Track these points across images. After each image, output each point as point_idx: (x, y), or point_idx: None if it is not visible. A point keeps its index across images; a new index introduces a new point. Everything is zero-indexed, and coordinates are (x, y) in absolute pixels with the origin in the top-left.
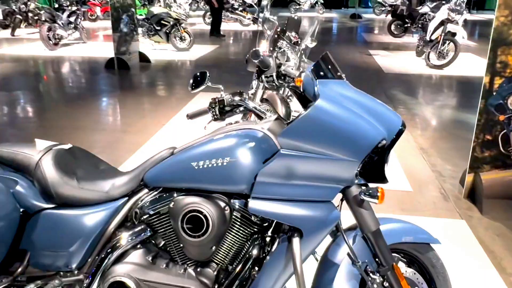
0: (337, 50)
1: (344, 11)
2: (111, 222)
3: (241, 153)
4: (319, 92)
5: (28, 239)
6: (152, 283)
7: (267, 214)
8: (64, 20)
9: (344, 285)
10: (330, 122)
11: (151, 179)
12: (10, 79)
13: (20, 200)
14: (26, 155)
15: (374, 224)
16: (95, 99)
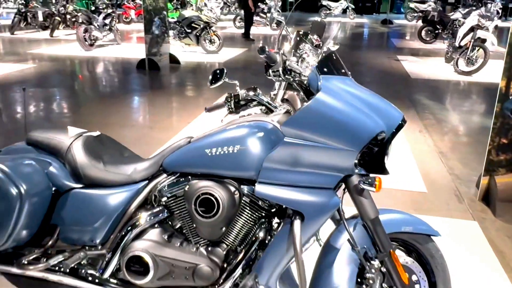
0: (365, 55)
1: (376, 17)
2: (132, 202)
3: (250, 142)
4: (322, 86)
5: (58, 215)
6: (167, 259)
7: (272, 198)
8: (99, 22)
9: (344, 268)
10: (329, 114)
11: (169, 164)
12: (48, 77)
13: (52, 179)
14: (59, 140)
15: (373, 212)
16: (126, 97)
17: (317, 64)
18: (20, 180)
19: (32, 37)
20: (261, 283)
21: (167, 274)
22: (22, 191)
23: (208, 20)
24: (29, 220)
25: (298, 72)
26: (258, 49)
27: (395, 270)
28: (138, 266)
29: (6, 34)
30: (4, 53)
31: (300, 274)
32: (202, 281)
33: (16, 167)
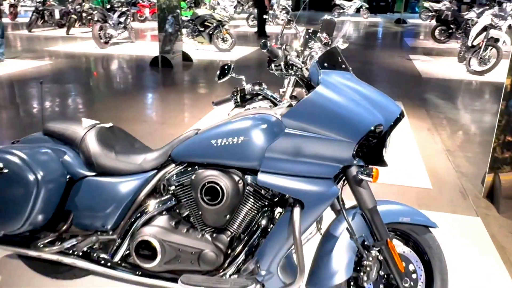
0: (377, 54)
1: (390, 16)
2: (141, 190)
3: (254, 133)
4: (321, 80)
5: (72, 202)
6: (174, 244)
7: (273, 187)
8: (114, 20)
9: (342, 256)
10: (328, 106)
11: (177, 155)
12: (64, 73)
13: (67, 168)
14: (74, 130)
15: (371, 202)
16: (139, 93)
17: (318, 59)
18: (37, 167)
19: (49, 35)
20: (263, 268)
21: (174, 258)
22: (38, 177)
23: (221, 18)
24: (45, 205)
25: (299, 66)
26: (261, 44)
27: (392, 259)
28: (146, 251)
29: (24, 32)
30: (22, 50)
31: (299, 260)
32: (207, 266)
33: (34, 155)
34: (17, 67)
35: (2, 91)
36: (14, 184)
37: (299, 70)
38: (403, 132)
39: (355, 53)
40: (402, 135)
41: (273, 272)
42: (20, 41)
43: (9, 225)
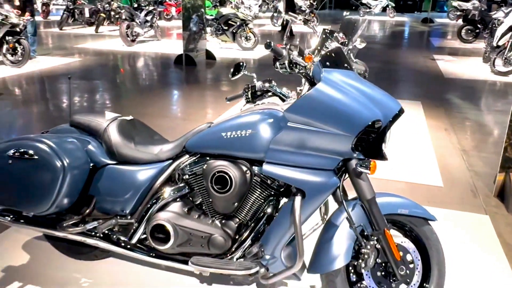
0: (400, 54)
1: (417, 15)
2: (158, 178)
3: (260, 126)
4: (323, 77)
5: (95, 187)
6: (186, 229)
7: (277, 176)
8: (141, 19)
9: (342, 243)
10: (327, 102)
11: (191, 146)
12: (92, 70)
13: (90, 156)
14: (98, 122)
15: (370, 193)
16: (162, 90)
17: (320, 59)
18: (64, 155)
19: (78, 33)
20: (267, 253)
21: (186, 241)
22: (65, 164)
23: (245, 17)
24: (70, 190)
25: (303, 65)
26: (265, 44)
27: (389, 247)
28: (161, 234)
29: (55, 30)
30: (52, 48)
31: (299, 245)
32: (216, 249)
33: (61, 144)
34: (48, 63)
35: (34, 86)
36: (43, 170)
37: (303, 69)
38: (419, 131)
39: (378, 53)
40: (418, 134)
41: (277, 257)
42: (52, 39)
43: (38, 206)
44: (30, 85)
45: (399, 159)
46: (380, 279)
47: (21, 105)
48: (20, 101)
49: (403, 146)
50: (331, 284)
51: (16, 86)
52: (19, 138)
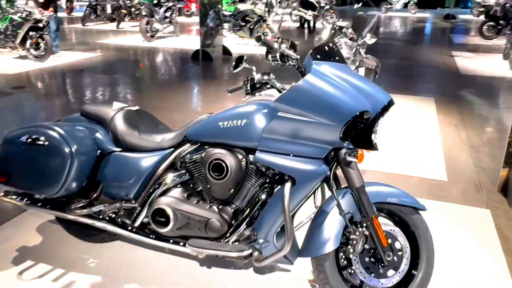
0: (418, 50)
1: (440, 12)
2: (160, 165)
3: (253, 116)
4: (312, 69)
5: (102, 173)
6: (185, 213)
7: (269, 163)
8: (160, 15)
9: (331, 229)
10: (315, 92)
11: (191, 135)
12: (112, 65)
13: (98, 143)
14: (105, 112)
15: (359, 181)
16: (178, 85)
17: (311, 52)
18: (72, 141)
19: (100, 28)
20: (260, 237)
21: (184, 225)
22: (73, 150)
23: (262, 13)
24: (78, 174)
25: (294, 57)
26: (255, 37)
27: (376, 234)
28: (161, 218)
29: (78, 25)
30: (75, 43)
31: (287, 229)
32: (213, 233)
33: (70, 131)
34: (70, 58)
35: (55, 80)
36: (53, 155)
37: (294, 61)
38: (428, 126)
39: (396, 49)
40: (427, 130)
41: (270, 241)
42: (74, 34)
43: (48, 189)
44: (51, 79)
45: (405, 153)
46: (369, 265)
47: (42, 97)
48: (41, 93)
49: (410, 140)
50: (320, 268)
51: (38, 80)
52: (32, 126)
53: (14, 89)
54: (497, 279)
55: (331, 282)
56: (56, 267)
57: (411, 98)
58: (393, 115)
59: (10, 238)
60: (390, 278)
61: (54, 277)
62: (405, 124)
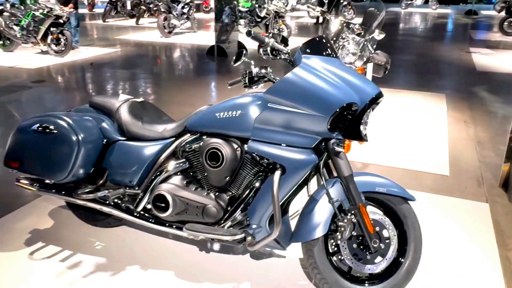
0: (436, 46)
1: (462, 7)
2: (162, 154)
3: (248, 107)
4: (301, 62)
5: (107, 161)
6: (183, 199)
7: (260, 152)
8: (178, 11)
9: (320, 216)
10: (302, 85)
11: (191, 125)
12: (130, 60)
13: (104, 133)
14: (111, 103)
15: (347, 170)
16: (191, 80)
17: (301, 46)
18: (80, 130)
19: (120, 25)
20: (253, 223)
21: (183, 210)
22: (80, 138)
23: (278, 9)
24: (84, 161)
25: (284, 51)
26: (246, 32)
27: (363, 221)
28: (162, 203)
29: (99, 22)
30: (96, 39)
31: (276, 214)
32: (209, 218)
33: (78, 121)
34: (89, 53)
35: (73, 74)
36: (61, 143)
37: (285, 55)
38: (436, 122)
39: (413, 45)
40: (434, 126)
41: (262, 226)
42: (95, 30)
43: (57, 175)
44: (71, 73)
45: (409, 148)
46: (356, 251)
47: (60, 90)
48: (60, 87)
49: (416, 135)
50: (309, 253)
51: (58, 74)
52: (44, 115)
53: (34, 83)
54: (487, 270)
55: (319, 267)
56: (65, 248)
57: (422, 94)
58: (400, 111)
59: (23, 221)
60: (377, 264)
61: (62, 258)
62: (412, 120)
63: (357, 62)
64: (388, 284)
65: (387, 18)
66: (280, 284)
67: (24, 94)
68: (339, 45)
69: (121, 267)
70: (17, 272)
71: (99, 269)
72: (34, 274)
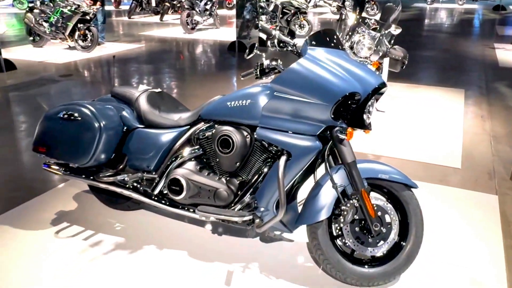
0: (459, 42)
1: (490, 3)
2: (177, 141)
3: (257, 97)
4: (307, 53)
5: (127, 147)
6: (196, 183)
7: (267, 138)
8: (201, 8)
9: (324, 200)
10: (307, 74)
11: (205, 114)
12: (154, 55)
13: (124, 120)
14: (131, 93)
15: (350, 157)
16: (213, 74)
17: (307, 38)
18: (101, 118)
19: (145, 21)
20: (261, 206)
21: (196, 194)
22: (101, 125)
23: (299, 5)
24: (106, 147)
25: (291, 43)
26: (254, 26)
27: (365, 206)
28: (176, 187)
29: (124, 18)
30: (122, 35)
31: (281, 197)
32: (220, 201)
33: (101, 109)
34: (115, 49)
35: (99, 69)
36: (84, 129)
37: (291, 46)
38: (453, 117)
39: (437, 41)
40: (450, 120)
41: (270, 209)
42: (121, 27)
43: (80, 159)
44: (96, 68)
45: (423, 141)
46: (359, 234)
47: (86, 83)
48: (85, 80)
49: (431, 129)
50: (313, 235)
51: (84, 68)
52: (68, 104)
53: (62, 77)
54: (490, 261)
55: (322, 248)
56: (87, 229)
57: (440, 89)
58: (417, 106)
59: (51, 203)
60: (378, 247)
61: (84, 237)
62: (428, 114)
63: (373, 57)
64: (388, 266)
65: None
66: (287, 265)
67: (52, 87)
68: (354, 39)
69: (138, 246)
70: (44, 248)
71: (118, 247)
72: (59, 250)
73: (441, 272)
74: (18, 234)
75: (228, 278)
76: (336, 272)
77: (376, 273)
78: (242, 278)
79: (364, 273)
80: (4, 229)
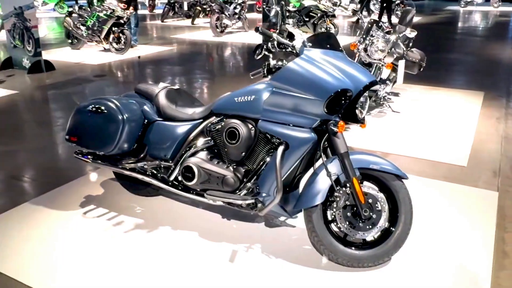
0: (488, 45)
1: None
2: (191, 133)
3: (260, 92)
4: (303, 54)
5: (147, 138)
6: (207, 170)
7: (268, 130)
8: (230, 11)
9: (318, 187)
10: (301, 72)
11: (216, 108)
12: (184, 57)
13: (145, 114)
14: (152, 89)
15: (343, 148)
16: (239, 75)
17: (305, 40)
18: (125, 111)
19: (177, 24)
20: (263, 191)
21: (206, 180)
22: (125, 117)
23: (326, 9)
24: (128, 137)
25: (289, 45)
26: (254, 28)
27: (356, 192)
28: (189, 174)
29: (158, 22)
30: (155, 38)
31: (278, 183)
32: (227, 187)
33: (125, 104)
34: (147, 51)
35: (132, 70)
36: (109, 121)
37: (290, 48)
38: (467, 118)
39: (465, 44)
40: (464, 121)
41: (271, 195)
42: (154, 30)
43: (105, 147)
44: (129, 69)
45: (433, 140)
46: (350, 219)
47: (118, 83)
48: (118, 80)
49: (443, 129)
50: (309, 218)
51: (118, 69)
52: (97, 98)
53: (96, 77)
54: (480, 250)
55: (316, 231)
56: (111, 211)
57: (459, 92)
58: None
59: (80, 188)
60: (368, 231)
61: (108, 218)
62: (443, 115)
63: (386, 59)
64: (378, 249)
65: (443, 17)
66: (288, 247)
67: (87, 86)
68: (368, 42)
69: (154, 227)
70: (74, 226)
71: (137, 227)
72: (86, 228)
73: (429, 257)
74: (52, 214)
75: (233, 256)
76: (329, 253)
77: (366, 255)
78: (246, 256)
79: (354, 254)
80: (40, 209)
